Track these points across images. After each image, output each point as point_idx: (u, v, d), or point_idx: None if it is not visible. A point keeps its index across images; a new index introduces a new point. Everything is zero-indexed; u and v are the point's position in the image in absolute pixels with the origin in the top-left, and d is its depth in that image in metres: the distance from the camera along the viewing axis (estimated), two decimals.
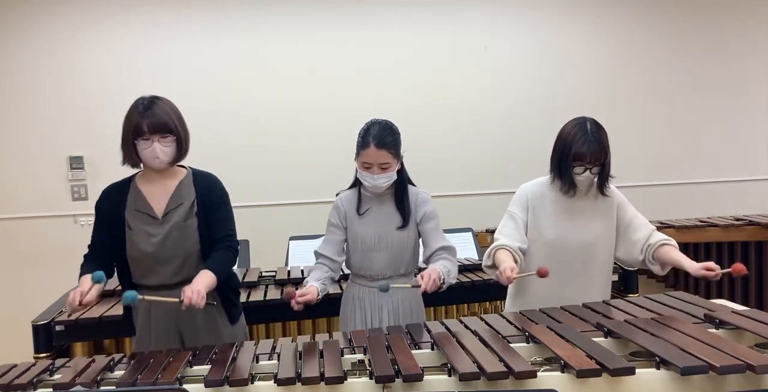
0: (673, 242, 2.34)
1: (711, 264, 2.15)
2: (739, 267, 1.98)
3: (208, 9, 4.35)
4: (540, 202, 2.37)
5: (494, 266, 2.31)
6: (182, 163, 2.25)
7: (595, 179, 2.29)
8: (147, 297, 2.04)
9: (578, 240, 2.34)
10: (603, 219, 2.38)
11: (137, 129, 2.08)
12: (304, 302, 2.17)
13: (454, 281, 2.32)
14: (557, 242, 2.34)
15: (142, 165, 2.19)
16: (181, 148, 2.16)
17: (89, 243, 2.24)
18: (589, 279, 2.37)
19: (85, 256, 2.24)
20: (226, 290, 2.28)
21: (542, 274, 2.09)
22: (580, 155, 2.21)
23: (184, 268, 2.18)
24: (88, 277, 2.04)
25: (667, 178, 4.85)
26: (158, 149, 2.10)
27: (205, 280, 2.07)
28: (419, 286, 2.15)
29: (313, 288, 2.23)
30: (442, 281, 2.21)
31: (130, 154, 2.13)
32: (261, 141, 4.41)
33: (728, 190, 4.88)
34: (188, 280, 2.10)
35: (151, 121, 2.07)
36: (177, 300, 2.00)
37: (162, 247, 2.15)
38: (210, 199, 2.22)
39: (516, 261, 2.27)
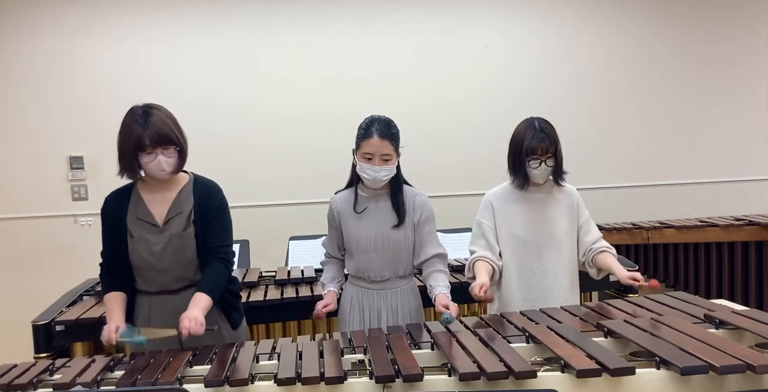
0: (613, 250, 2.47)
1: (637, 275, 2.30)
2: (654, 283, 2.22)
3: (209, 9, 4.35)
4: (505, 203, 2.48)
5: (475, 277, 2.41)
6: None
7: (550, 171, 2.40)
8: (144, 332, 2.04)
9: (546, 234, 2.43)
10: (566, 215, 2.47)
11: (139, 143, 2.02)
12: (328, 312, 2.36)
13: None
14: (527, 237, 2.43)
15: (142, 173, 2.15)
16: (183, 156, 2.13)
17: (101, 250, 2.22)
18: (557, 274, 2.43)
19: (101, 266, 2.23)
20: (227, 295, 2.25)
21: (487, 300, 2.29)
22: (532, 149, 2.34)
23: (184, 275, 2.18)
24: (114, 322, 2.07)
25: (668, 178, 4.84)
26: (163, 161, 2.06)
27: (200, 304, 2.05)
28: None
29: (332, 294, 2.42)
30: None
31: (131, 166, 2.08)
32: (261, 141, 4.41)
33: (728, 190, 4.87)
34: (190, 286, 2.16)
35: (152, 134, 2.02)
36: (175, 332, 2.00)
37: (162, 256, 2.13)
38: (207, 207, 2.18)
39: (494, 270, 2.41)
